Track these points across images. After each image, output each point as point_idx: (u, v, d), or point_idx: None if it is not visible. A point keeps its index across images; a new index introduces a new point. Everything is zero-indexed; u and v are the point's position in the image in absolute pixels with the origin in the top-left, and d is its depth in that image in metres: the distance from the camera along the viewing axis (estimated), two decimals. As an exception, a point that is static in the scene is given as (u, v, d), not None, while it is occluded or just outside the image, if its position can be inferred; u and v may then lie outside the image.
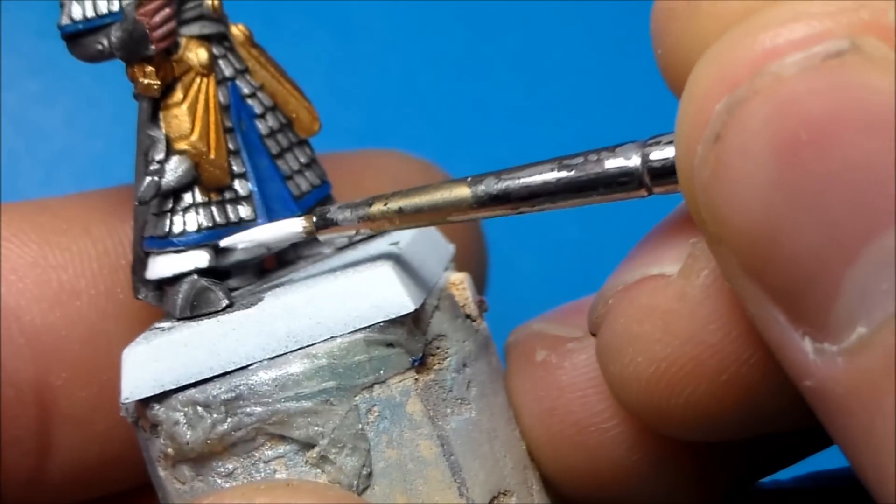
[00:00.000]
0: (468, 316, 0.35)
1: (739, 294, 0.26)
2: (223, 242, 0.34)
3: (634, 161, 0.28)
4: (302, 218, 0.33)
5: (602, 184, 0.29)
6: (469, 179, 0.31)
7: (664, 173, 0.28)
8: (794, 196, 0.24)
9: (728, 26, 0.25)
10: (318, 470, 0.31)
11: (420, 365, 0.32)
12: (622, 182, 0.29)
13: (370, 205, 0.32)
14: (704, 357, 0.29)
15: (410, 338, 0.32)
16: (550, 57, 0.79)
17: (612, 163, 0.28)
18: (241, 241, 0.34)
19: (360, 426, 0.31)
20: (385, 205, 0.32)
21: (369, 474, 0.31)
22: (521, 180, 0.30)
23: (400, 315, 0.31)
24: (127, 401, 0.32)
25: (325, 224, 0.33)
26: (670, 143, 0.28)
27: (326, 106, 0.37)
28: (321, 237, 0.34)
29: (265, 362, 0.31)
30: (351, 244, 0.37)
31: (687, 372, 0.29)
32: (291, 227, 0.33)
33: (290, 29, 0.76)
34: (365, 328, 0.31)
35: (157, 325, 0.34)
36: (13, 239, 0.38)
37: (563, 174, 0.29)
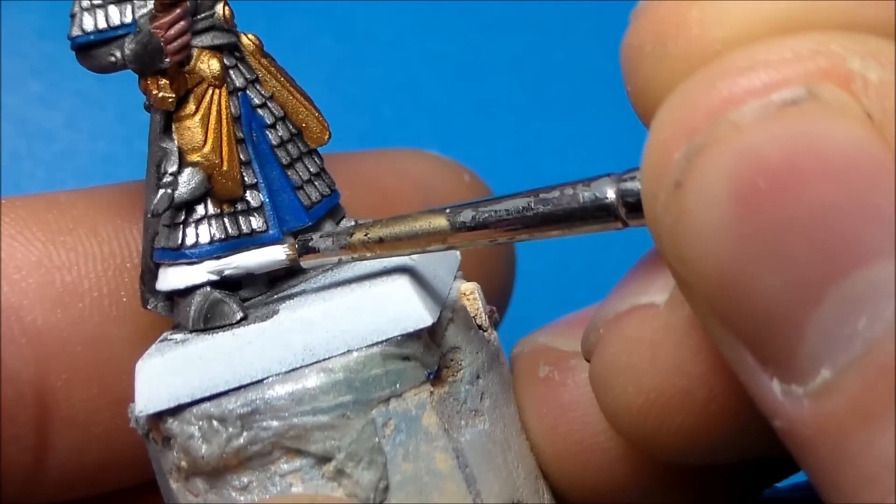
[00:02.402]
0: (479, 326, 0.35)
1: (711, 335, 0.27)
2: (209, 268, 0.35)
3: (609, 195, 0.29)
4: (285, 246, 0.34)
5: (578, 217, 0.29)
6: (448, 211, 0.31)
7: (639, 207, 0.28)
8: (754, 243, 0.24)
9: (693, 69, 0.26)
10: (335, 483, 0.31)
11: (435, 378, 0.32)
12: (597, 216, 0.29)
13: (351, 234, 0.33)
14: (693, 388, 0.29)
15: (426, 351, 0.32)
16: (553, 58, 0.79)
17: (588, 196, 0.29)
18: (227, 267, 0.35)
19: (377, 440, 0.31)
20: (366, 235, 0.32)
21: (386, 488, 0.31)
22: (498, 213, 0.30)
23: (418, 329, 0.32)
24: (141, 414, 0.32)
25: (308, 251, 0.34)
26: None
27: (328, 107, 0.37)
28: (304, 264, 0.34)
29: (281, 376, 0.31)
30: None
31: (676, 402, 0.30)
32: (275, 254, 0.35)
33: (292, 31, 0.76)
34: (382, 342, 0.31)
35: (170, 336, 0.35)
36: (18, 237, 0.39)
37: (540, 207, 0.30)
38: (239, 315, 0.34)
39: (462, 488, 0.32)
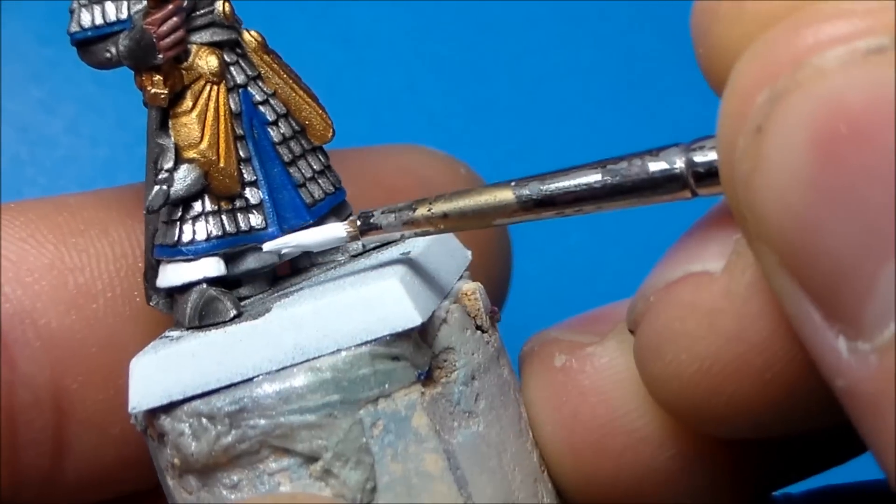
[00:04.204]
0: (479, 327, 0.36)
1: (777, 291, 0.27)
2: (266, 247, 0.35)
3: (679, 164, 0.29)
4: (346, 223, 0.35)
5: (647, 187, 0.30)
6: (513, 183, 0.32)
7: (707, 175, 0.29)
8: (832, 190, 0.24)
9: (772, 26, 0.26)
10: (322, 483, 0.32)
11: (426, 378, 0.33)
12: (667, 186, 0.30)
13: (414, 209, 0.33)
14: (750, 355, 0.30)
15: (416, 351, 0.33)
16: (553, 58, 0.80)
17: (657, 166, 0.30)
18: (285, 246, 0.35)
19: (365, 440, 0.32)
20: (429, 210, 0.33)
21: (373, 488, 0.32)
22: (566, 185, 0.31)
23: (406, 329, 0.32)
24: (134, 411, 0.33)
25: (369, 228, 0.34)
26: (713, 147, 0.29)
27: (327, 108, 0.38)
28: (365, 241, 0.35)
29: (270, 374, 0.32)
30: (365, 252, 0.38)
31: (732, 370, 0.30)
32: (335, 231, 0.35)
33: (291, 32, 0.77)
34: (371, 341, 0.32)
35: (167, 333, 0.36)
36: (30, 240, 0.39)
37: (608, 179, 0.30)
38: (232, 312, 0.34)
39: (452, 490, 0.32)
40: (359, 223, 0.34)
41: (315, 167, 0.38)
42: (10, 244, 0.39)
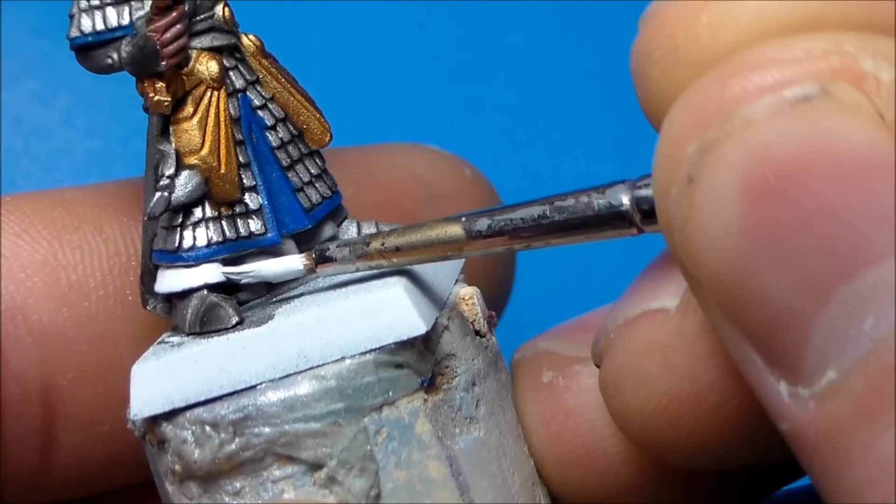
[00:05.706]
0: (477, 332, 0.36)
1: (720, 335, 0.27)
2: (224, 271, 0.36)
3: (625, 202, 0.30)
4: (303, 255, 0.35)
5: (593, 225, 0.30)
6: (463, 219, 0.32)
7: (653, 213, 0.29)
8: (763, 240, 0.25)
9: (703, 72, 0.27)
10: (327, 490, 0.32)
11: (429, 385, 0.33)
12: (613, 223, 0.30)
13: (368, 244, 0.34)
14: (704, 392, 0.30)
15: (420, 359, 0.33)
16: (549, 58, 0.80)
17: (603, 204, 0.30)
18: (245, 276, 0.36)
19: (369, 447, 0.32)
20: (382, 244, 0.34)
21: (377, 495, 0.32)
22: (514, 221, 0.31)
23: (411, 337, 0.32)
24: (136, 417, 0.33)
25: (325, 261, 0.35)
26: None
27: (324, 106, 0.38)
28: (321, 272, 0.35)
29: (274, 382, 0.32)
30: None
31: (688, 407, 0.30)
32: (292, 263, 0.36)
33: (288, 30, 0.77)
34: (375, 349, 0.32)
35: (167, 338, 0.36)
36: (24, 235, 0.40)
37: (555, 216, 0.31)
38: (235, 319, 0.35)
39: (455, 496, 0.33)
40: (314, 256, 0.35)
41: (312, 171, 0.38)
42: (6, 240, 0.39)
